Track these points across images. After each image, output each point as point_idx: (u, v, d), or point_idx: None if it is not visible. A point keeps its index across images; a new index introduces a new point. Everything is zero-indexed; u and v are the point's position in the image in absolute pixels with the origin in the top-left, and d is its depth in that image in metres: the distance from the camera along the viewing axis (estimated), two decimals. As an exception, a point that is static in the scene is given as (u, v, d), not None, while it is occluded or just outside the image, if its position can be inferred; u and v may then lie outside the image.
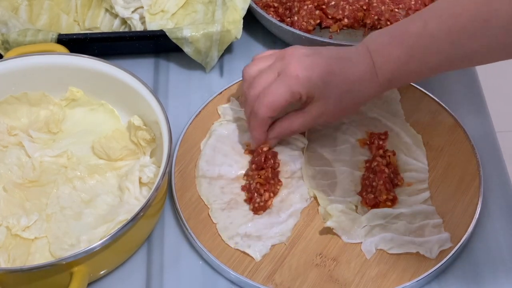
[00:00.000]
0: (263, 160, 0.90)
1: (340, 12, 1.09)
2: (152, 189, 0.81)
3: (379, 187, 0.87)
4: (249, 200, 0.89)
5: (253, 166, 0.91)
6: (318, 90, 0.87)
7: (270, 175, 0.89)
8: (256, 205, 0.88)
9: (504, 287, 0.84)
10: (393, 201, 0.88)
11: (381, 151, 0.92)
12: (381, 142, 0.93)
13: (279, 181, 0.90)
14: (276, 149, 0.93)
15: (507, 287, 0.84)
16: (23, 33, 1.00)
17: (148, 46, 1.06)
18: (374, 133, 0.94)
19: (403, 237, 0.85)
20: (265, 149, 0.91)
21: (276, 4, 1.10)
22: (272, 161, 0.90)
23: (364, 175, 0.91)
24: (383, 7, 1.09)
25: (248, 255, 0.85)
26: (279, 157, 0.93)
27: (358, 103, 0.91)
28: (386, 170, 0.89)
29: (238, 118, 0.97)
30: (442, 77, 1.04)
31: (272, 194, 0.89)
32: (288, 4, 1.09)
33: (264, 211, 0.88)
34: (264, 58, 0.91)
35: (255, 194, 0.88)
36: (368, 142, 0.94)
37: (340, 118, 0.94)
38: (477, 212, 0.88)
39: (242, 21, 1.02)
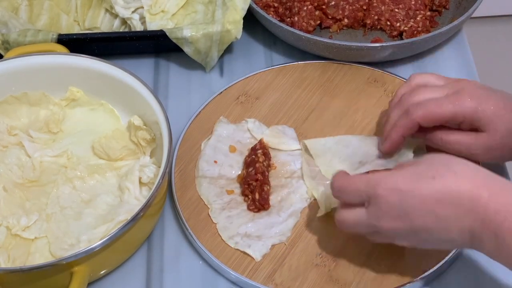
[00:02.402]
0: (255, 158, 0.90)
1: (340, 12, 1.09)
2: (152, 189, 0.81)
3: None
4: (245, 199, 0.90)
5: (246, 164, 0.92)
6: (487, 121, 0.82)
7: (260, 174, 0.89)
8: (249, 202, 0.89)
9: (503, 287, 0.84)
10: None
11: None
12: None
13: (268, 181, 0.90)
14: (275, 149, 0.94)
15: (506, 287, 0.84)
16: (23, 33, 1.00)
17: (148, 46, 1.06)
18: None
19: None
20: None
21: (276, 4, 1.10)
22: (264, 158, 0.91)
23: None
24: (383, 7, 1.09)
25: (248, 255, 0.85)
26: (279, 157, 0.93)
27: None
28: None
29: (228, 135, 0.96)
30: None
31: (264, 193, 0.89)
32: (288, 4, 1.09)
33: (258, 209, 0.88)
34: (437, 77, 0.88)
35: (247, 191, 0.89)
36: None
37: (495, 158, 0.86)
38: (477, 212, 0.88)
39: (242, 21, 1.02)
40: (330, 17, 1.09)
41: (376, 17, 1.09)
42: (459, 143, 0.85)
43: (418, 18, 1.08)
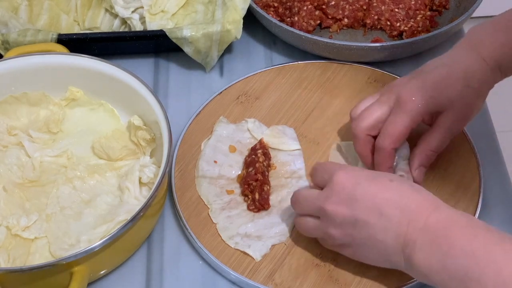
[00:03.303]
0: (255, 158, 0.90)
1: (340, 12, 1.09)
2: (152, 189, 0.81)
3: None
4: (245, 199, 0.90)
5: (246, 164, 0.92)
6: (440, 103, 0.84)
7: (260, 174, 0.89)
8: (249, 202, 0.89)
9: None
10: None
11: None
12: None
13: (268, 181, 0.90)
14: (275, 149, 0.94)
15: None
16: (23, 33, 1.00)
17: (148, 46, 1.06)
18: None
19: None
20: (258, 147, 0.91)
21: (276, 4, 1.10)
22: (264, 158, 0.91)
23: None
24: (383, 7, 1.09)
25: (248, 255, 0.85)
26: (279, 157, 0.93)
27: (481, 97, 0.87)
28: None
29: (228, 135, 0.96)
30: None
31: (264, 193, 0.89)
32: (288, 4, 1.09)
33: (258, 209, 0.88)
34: (368, 98, 0.89)
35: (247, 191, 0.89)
36: None
37: (470, 118, 0.88)
38: (477, 212, 0.88)
39: (242, 21, 1.02)
40: (330, 17, 1.09)
41: (376, 17, 1.09)
42: (433, 145, 0.88)
43: (418, 18, 1.08)
